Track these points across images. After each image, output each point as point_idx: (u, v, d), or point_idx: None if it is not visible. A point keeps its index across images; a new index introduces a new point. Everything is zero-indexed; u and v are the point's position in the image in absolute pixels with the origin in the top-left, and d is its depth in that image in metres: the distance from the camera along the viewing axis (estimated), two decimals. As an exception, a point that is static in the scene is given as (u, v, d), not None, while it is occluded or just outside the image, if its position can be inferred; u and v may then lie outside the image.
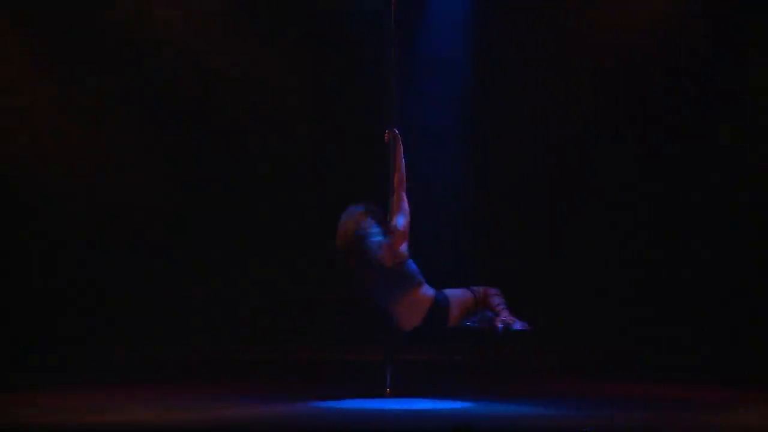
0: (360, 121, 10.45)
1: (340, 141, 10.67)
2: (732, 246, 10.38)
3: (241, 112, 10.64)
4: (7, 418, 6.83)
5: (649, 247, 10.56)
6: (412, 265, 7.71)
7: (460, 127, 10.61)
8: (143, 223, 10.64)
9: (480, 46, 10.58)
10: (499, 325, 7.61)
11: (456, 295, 7.80)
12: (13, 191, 10.45)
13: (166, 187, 10.65)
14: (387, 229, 7.64)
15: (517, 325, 7.63)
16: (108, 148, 10.60)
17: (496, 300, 7.80)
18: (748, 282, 10.30)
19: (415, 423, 6.92)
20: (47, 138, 10.47)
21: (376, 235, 7.59)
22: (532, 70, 10.58)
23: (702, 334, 10.28)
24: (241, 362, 10.31)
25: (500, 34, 10.55)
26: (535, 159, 10.66)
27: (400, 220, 7.65)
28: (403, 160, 7.85)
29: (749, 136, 10.31)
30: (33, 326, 10.36)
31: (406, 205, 7.72)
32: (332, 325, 10.40)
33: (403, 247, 7.64)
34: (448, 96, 10.59)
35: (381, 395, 7.94)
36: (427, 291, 7.71)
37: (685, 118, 10.42)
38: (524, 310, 10.53)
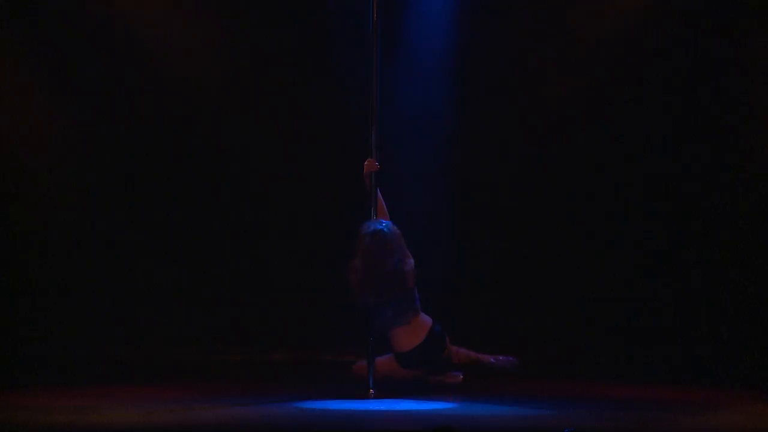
0: (339, 124, 10.48)
1: (318, 145, 10.67)
2: (718, 243, 10.41)
3: (218, 114, 10.63)
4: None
5: (632, 246, 10.59)
6: (416, 292, 8.19)
7: (442, 132, 10.63)
8: (122, 221, 10.62)
9: (463, 48, 10.59)
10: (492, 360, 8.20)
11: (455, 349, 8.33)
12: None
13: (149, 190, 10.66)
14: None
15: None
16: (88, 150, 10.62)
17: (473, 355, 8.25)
18: (732, 280, 10.34)
19: (398, 424, 6.92)
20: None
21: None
22: (517, 72, 10.59)
23: (684, 334, 10.33)
24: (224, 363, 10.29)
25: (484, 35, 10.56)
26: (516, 160, 10.68)
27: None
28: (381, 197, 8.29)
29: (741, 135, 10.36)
30: (8, 323, 10.35)
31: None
32: (315, 326, 10.39)
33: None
34: (430, 100, 10.60)
35: (364, 396, 7.94)
36: (425, 318, 8.19)
37: (675, 119, 10.46)
38: (509, 310, 10.62)
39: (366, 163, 8.24)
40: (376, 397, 7.95)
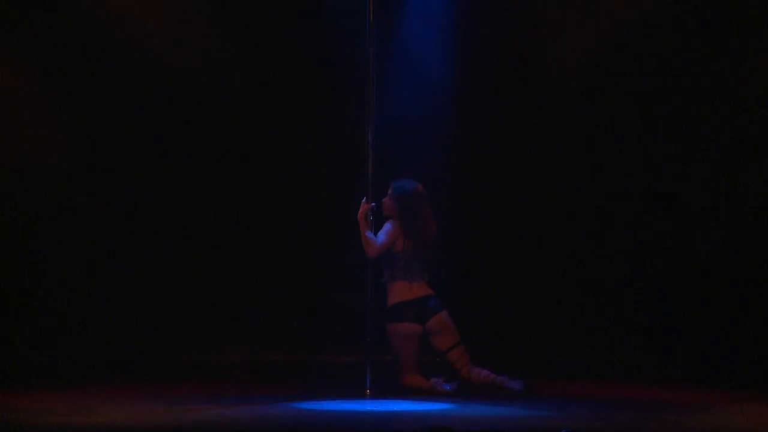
0: (336, 117, 10.49)
1: (316, 137, 10.68)
2: (711, 245, 10.41)
3: (216, 108, 10.62)
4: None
5: (632, 247, 10.59)
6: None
7: (439, 124, 10.63)
8: (117, 221, 10.62)
9: (460, 41, 10.59)
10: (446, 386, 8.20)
11: (450, 323, 8.30)
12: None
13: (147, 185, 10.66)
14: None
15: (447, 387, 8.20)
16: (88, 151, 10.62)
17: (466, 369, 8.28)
18: (727, 282, 10.35)
19: (394, 424, 6.93)
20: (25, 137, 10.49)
21: None
22: (513, 66, 10.59)
23: (682, 335, 10.34)
24: (221, 363, 10.30)
25: (481, 28, 10.56)
26: (515, 162, 10.68)
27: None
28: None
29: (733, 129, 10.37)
30: (5, 324, 10.35)
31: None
32: (311, 326, 10.40)
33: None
34: (427, 92, 10.59)
35: (361, 396, 7.95)
36: (427, 288, 8.38)
37: (673, 117, 10.45)
38: (506, 311, 10.63)
39: (363, 203, 8.35)
40: (374, 397, 7.96)
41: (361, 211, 8.35)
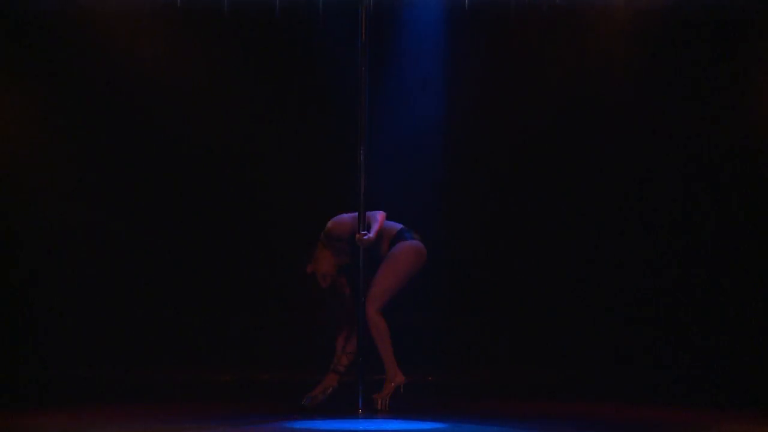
0: (327, 140, 10.51)
1: (308, 160, 10.68)
2: (708, 259, 10.42)
3: (207, 133, 10.63)
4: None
5: (624, 262, 10.60)
6: None
7: (432, 146, 10.64)
8: (112, 240, 10.61)
9: (453, 65, 10.61)
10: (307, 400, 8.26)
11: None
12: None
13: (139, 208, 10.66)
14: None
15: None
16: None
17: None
18: (726, 298, 10.35)
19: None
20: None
21: None
22: (508, 89, 10.61)
23: (678, 354, 10.34)
24: (213, 383, 10.27)
25: (474, 52, 10.58)
26: (507, 178, 10.69)
27: None
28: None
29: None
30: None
31: None
32: (303, 345, 10.38)
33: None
34: (420, 115, 10.61)
35: (353, 415, 7.93)
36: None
37: (667, 138, 10.47)
38: (501, 327, 10.62)
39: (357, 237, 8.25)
40: (365, 416, 7.94)
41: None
